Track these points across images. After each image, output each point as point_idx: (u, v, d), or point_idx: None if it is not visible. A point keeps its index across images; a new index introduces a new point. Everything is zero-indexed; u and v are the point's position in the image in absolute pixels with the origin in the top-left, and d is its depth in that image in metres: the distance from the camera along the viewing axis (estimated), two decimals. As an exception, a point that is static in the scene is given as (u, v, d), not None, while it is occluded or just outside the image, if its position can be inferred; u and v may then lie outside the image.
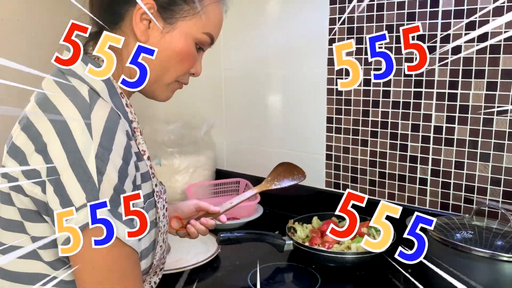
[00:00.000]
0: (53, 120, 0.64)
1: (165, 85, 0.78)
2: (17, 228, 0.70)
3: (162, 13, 0.73)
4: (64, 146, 0.62)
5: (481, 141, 1.16)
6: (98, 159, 0.62)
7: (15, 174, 0.66)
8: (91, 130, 0.63)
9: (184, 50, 0.76)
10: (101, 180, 0.61)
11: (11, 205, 0.69)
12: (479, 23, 1.12)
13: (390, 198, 1.33)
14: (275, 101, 1.56)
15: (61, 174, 0.61)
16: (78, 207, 0.60)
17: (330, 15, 1.36)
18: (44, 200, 0.64)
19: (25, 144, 0.65)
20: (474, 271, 0.96)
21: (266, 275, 1.13)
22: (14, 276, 0.71)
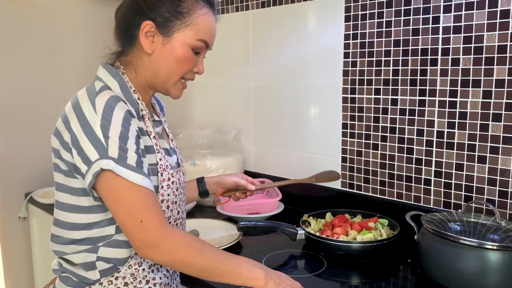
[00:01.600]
0: (73, 106, 0.89)
1: (172, 84, 0.99)
2: (61, 188, 0.94)
3: (160, 30, 0.94)
4: (79, 121, 0.86)
5: (479, 144, 1.26)
6: (102, 127, 0.84)
7: (57, 147, 0.92)
8: (95, 108, 0.86)
9: (182, 55, 0.96)
10: (108, 143, 0.84)
11: (58, 172, 0.94)
12: (475, 38, 1.23)
13: (398, 197, 1.45)
14: (297, 109, 1.71)
15: (79, 140, 0.85)
16: (94, 161, 0.84)
17: (345, 31, 1.51)
18: (72, 163, 0.88)
19: (60, 126, 0.91)
20: (463, 259, 1.06)
21: (280, 260, 1.28)
22: (62, 224, 0.95)
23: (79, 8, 2.11)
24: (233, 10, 1.89)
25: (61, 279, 0.98)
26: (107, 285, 0.93)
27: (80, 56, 2.12)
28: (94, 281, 0.94)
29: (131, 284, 0.95)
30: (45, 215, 1.87)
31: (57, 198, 0.96)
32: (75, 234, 0.94)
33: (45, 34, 2.02)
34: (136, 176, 0.86)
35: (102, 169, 0.84)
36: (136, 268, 0.95)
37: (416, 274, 1.20)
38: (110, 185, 0.85)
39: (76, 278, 0.95)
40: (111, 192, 0.85)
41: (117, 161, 0.84)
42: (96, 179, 0.85)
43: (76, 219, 0.93)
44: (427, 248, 1.15)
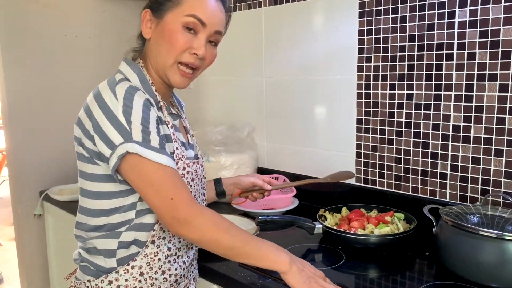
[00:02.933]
0: (95, 96, 0.93)
1: (169, 67, 0.97)
2: (84, 175, 0.97)
3: (155, 14, 0.98)
4: (101, 108, 0.89)
5: (495, 138, 1.27)
6: (125, 113, 0.87)
7: (79, 135, 0.95)
8: (116, 96, 0.89)
9: (171, 32, 0.95)
10: (131, 127, 0.86)
11: (81, 160, 0.97)
12: (491, 32, 1.24)
13: (414, 192, 1.46)
14: (311, 106, 1.73)
15: (102, 126, 0.88)
16: (118, 144, 0.87)
17: (359, 27, 1.53)
18: (94, 150, 0.91)
19: (82, 115, 0.95)
20: (483, 250, 1.07)
21: (298, 254, 1.28)
22: (86, 211, 0.98)
23: (92, 7, 2.12)
24: (246, 7, 1.90)
25: (81, 269, 1.01)
26: (123, 274, 0.96)
27: (93, 54, 2.14)
28: (110, 269, 0.96)
29: (146, 274, 0.97)
30: (60, 212, 1.88)
31: (81, 186, 0.99)
32: (97, 221, 0.96)
33: (59, 33, 2.03)
34: (161, 157, 0.88)
35: (128, 152, 0.86)
36: (152, 258, 0.97)
37: (435, 266, 1.20)
38: (138, 168, 0.87)
39: (93, 267, 0.97)
40: (139, 174, 0.88)
41: (141, 144, 0.87)
42: (120, 161, 0.87)
43: (97, 205, 0.96)
44: (446, 240, 1.15)
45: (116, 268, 0.95)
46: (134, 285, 0.96)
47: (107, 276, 0.96)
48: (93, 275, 0.97)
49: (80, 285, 1.00)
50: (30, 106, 1.98)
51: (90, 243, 0.98)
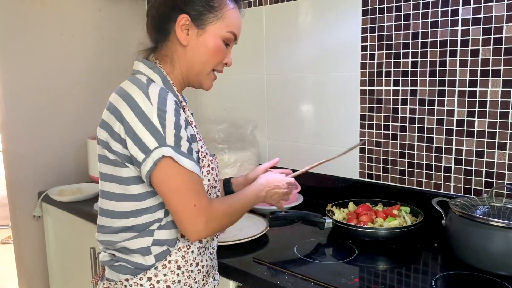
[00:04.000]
0: (124, 97, 0.92)
1: (206, 75, 1.05)
2: (109, 178, 0.97)
3: (195, 23, 1.00)
4: (134, 112, 0.89)
5: (499, 132, 1.32)
6: (159, 117, 0.88)
7: (105, 138, 0.94)
8: (150, 99, 0.90)
9: (215, 46, 1.01)
10: (165, 131, 0.88)
11: (105, 163, 0.96)
12: (494, 29, 1.29)
13: (418, 186, 1.49)
14: (313, 102, 1.75)
15: (135, 130, 0.88)
16: (153, 149, 0.87)
17: (362, 24, 1.55)
18: (123, 153, 0.91)
19: (108, 118, 0.93)
20: (492, 240, 1.11)
21: (311, 249, 1.31)
22: (110, 213, 0.98)
23: (88, 6, 2.11)
24: (246, 5, 1.91)
25: (114, 269, 0.99)
26: (162, 269, 0.97)
27: (89, 53, 2.13)
28: (149, 266, 0.96)
29: (183, 267, 0.99)
30: (60, 213, 1.87)
31: (103, 188, 0.99)
32: (124, 222, 0.96)
33: (55, 32, 2.01)
34: (189, 162, 0.90)
35: (163, 156, 0.87)
36: (186, 251, 0.99)
37: (445, 257, 1.24)
38: (168, 172, 0.88)
39: (132, 266, 0.97)
40: (168, 178, 0.89)
41: (174, 148, 0.88)
42: (155, 166, 0.88)
43: (125, 207, 0.96)
44: (456, 231, 1.19)
45: (155, 264, 0.97)
46: (173, 279, 0.98)
47: (146, 273, 0.97)
48: (131, 273, 0.98)
49: (115, 285, 0.99)
50: (27, 106, 1.95)
51: (121, 245, 0.98)
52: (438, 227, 1.26)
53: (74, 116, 2.10)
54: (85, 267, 1.71)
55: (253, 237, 1.34)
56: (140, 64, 1.01)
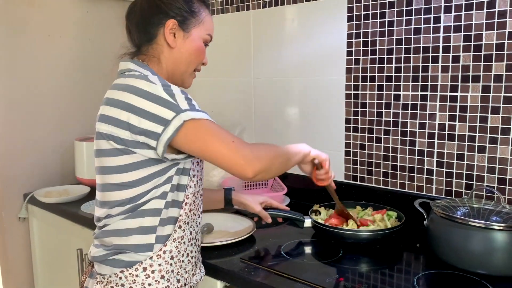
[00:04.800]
0: (126, 89, 0.97)
1: (189, 74, 1.14)
2: (116, 169, 1.00)
3: (182, 27, 1.08)
4: (141, 96, 0.95)
5: (478, 135, 1.36)
6: (166, 90, 0.95)
7: (108, 131, 0.98)
8: (152, 81, 0.97)
9: (199, 48, 1.11)
10: (175, 99, 0.93)
11: (110, 156, 0.99)
12: (474, 36, 1.33)
13: (401, 188, 1.53)
14: (300, 106, 1.78)
15: (147, 109, 0.93)
16: (171, 119, 0.93)
17: (347, 30, 1.59)
18: (132, 139, 0.95)
19: (109, 111, 0.98)
20: (472, 240, 1.14)
21: (296, 249, 1.34)
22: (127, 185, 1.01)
23: (76, 7, 2.11)
24: (233, 10, 1.93)
25: (107, 263, 1.02)
26: (156, 259, 1.01)
27: (76, 55, 2.12)
28: (145, 257, 1.00)
29: (176, 257, 1.04)
30: (47, 214, 1.86)
31: (111, 181, 1.01)
32: (139, 205, 1.01)
33: (42, 33, 2.01)
34: (206, 115, 0.98)
35: (184, 121, 0.92)
36: (179, 242, 1.04)
37: (427, 256, 1.28)
38: (194, 130, 0.94)
39: (128, 258, 1.01)
40: (197, 135, 0.95)
41: (190, 109, 0.95)
42: (176, 133, 0.93)
43: (127, 194, 1.00)
44: (437, 232, 1.23)
45: (150, 255, 1.00)
46: (166, 269, 1.02)
47: (141, 263, 1.00)
48: (126, 265, 1.01)
49: (109, 278, 1.02)
50: (12, 108, 1.94)
51: (122, 240, 1.01)
52: (420, 228, 1.30)
53: (61, 117, 2.09)
54: (72, 268, 1.71)
55: (240, 238, 1.36)
56: (130, 64, 1.06)
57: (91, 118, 2.15)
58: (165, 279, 1.02)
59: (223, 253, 1.30)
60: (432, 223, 1.25)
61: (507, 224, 1.13)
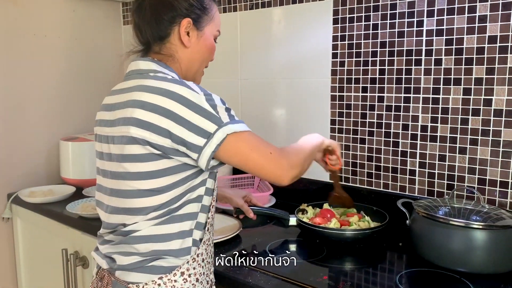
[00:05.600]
0: (167, 95, 0.92)
1: (201, 72, 1.14)
2: (153, 174, 0.96)
3: (196, 25, 1.06)
4: (185, 105, 0.92)
5: (459, 137, 1.39)
6: (208, 101, 0.94)
7: (144, 137, 0.92)
8: (194, 90, 0.94)
9: (212, 45, 1.11)
10: (217, 111, 0.94)
11: (144, 161, 0.94)
12: (456, 40, 1.36)
13: (385, 188, 1.56)
14: (286, 107, 1.80)
15: (191, 121, 0.91)
16: (214, 132, 0.92)
17: (333, 33, 1.61)
18: (172, 147, 0.93)
19: (146, 116, 0.92)
20: (452, 238, 1.17)
21: (281, 249, 1.35)
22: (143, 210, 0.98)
23: (62, 7, 2.10)
24: (220, 11, 1.94)
25: (143, 270, 0.98)
26: (192, 263, 1.00)
27: (62, 54, 2.11)
28: (183, 261, 0.99)
29: (205, 260, 1.05)
30: (31, 214, 1.85)
31: (141, 187, 0.96)
32: (173, 209, 0.98)
33: (28, 32, 1.99)
34: (245, 126, 0.98)
35: (227, 135, 0.92)
36: (208, 244, 1.05)
37: (409, 255, 1.30)
38: (236, 143, 0.94)
39: (167, 264, 0.98)
40: (238, 147, 0.95)
41: (231, 122, 0.94)
42: (219, 147, 0.93)
43: (172, 194, 0.97)
44: (419, 231, 1.25)
45: (187, 259, 0.99)
46: (200, 271, 1.02)
47: (179, 268, 0.98)
48: (165, 271, 0.98)
49: (145, 286, 0.97)
50: (-3, 107, 1.93)
51: (159, 246, 0.98)
52: (402, 227, 1.32)
53: (46, 117, 2.08)
54: (56, 268, 1.70)
55: (226, 237, 1.37)
56: (152, 64, 1.02)
57: (76, 118, 2.16)
58: (199, 281, 1.02)
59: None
60: (414, 223, 1.28)
61: (487, 223, 1.16)
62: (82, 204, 1.73)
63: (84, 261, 1.64)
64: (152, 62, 1.02)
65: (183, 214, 0.99)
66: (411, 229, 1.28)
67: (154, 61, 1.02)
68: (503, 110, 1.31)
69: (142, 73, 1.00)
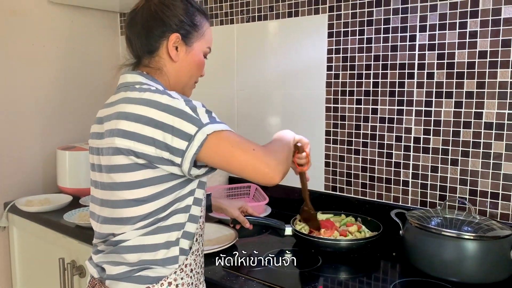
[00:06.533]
0: (148, 104, 0.95)
1: (190, 86, 1.16)
2: (139, 184, 0.98)
3: (184, 41, 1.08)
4: (165, 111, 0.94)
5: (451, 149, 1.43)
6: (187, 104, 0.95)
7: (128, 147, 0.95)
8: (173, 96, 0.96)
9: (201, 61, 1.13)
10: (197, 113, 0.94)
11: (131, 171, 0.96)
12: (447, 55, 1.40)
13: (379, 198, 1.59)
14: (282, 117, 1.83)
15: (173, 125, 0.93)
16: (194, 133, 0.93)
17: (328, 46, 1.65)
18: (156, 155, 0.94)
19: (130, 126, 0.95)
20: (444, 248, 1.20)
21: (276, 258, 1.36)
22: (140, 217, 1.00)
23: (60, 17, 2.12)
24: (218, 23, 1.98)
25: (131, 280, 0.99)
26: (180, 273, 1.02)
27: (60, 64, 2.13)
28: (171, 271, 1.00)
29: (194, 270, 1.06)
30: (27, 223, 1.86)
31: (129, 197, 0.98)
32: (161, 219, 1.00)
33: (26, 42, 2.01)
34: (226, 126, 0.98)
35: (208, 135, 0.93)
36: (197, 254, 1.06)
37: (402, 265, 1.33)
38: (217, 142, 0.94)
39: (155, 274, 1.00)
40: (219, 146, 0.94)
41: (211, 122, 0.95)
42: (201, 148, 0.93)
43: (158, 204, 0.99)
44: (412, 241, 1.28)
45: (175, 269, 1.01)
46: (188, 282, 1.03)
47: (167, 278, 1.00)
48: (152, 281, 0.99)
49: None
50: (-5, 116, 1.94)
51: (147, 255, 1.00)
52: (396, 237, 1.35)
53: (43, 126, 2.10)
54: (53, 277, 1.71)
55: (223, 247, 1.39)
56: (138, 77, 1.05)
57: (73, 127, 2.18)
58: None
59: (206, 261, 1.31)
60: (407, 233, 1.31)
61: (478, 234, 1.19)
62: (79, 213, 1.74)
63: (81, 270, 1.65)
64: (139, 75, 1.05)
65: (171, 225, 1.00)
66: (404, 239, 1.31)
67: (141, 74, 1.05)
68: (493, 123, 1.34)
69: (128, 85, 1.04)
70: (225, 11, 1.95)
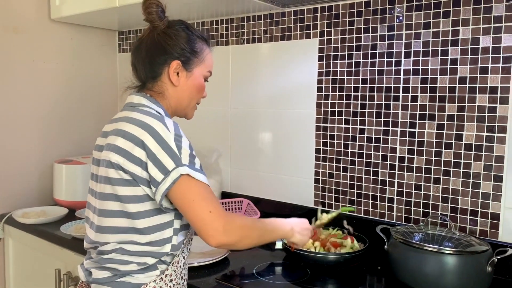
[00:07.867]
0: (144, 128, 1.04)
1: (192, 108, 1.24)
2: (128, 199, 1.06)
3: (185, 67, 1.17)
4: (156, 139, 1.02)
5: (434, 168, 1.51)
6: (176, 140, 1.03)
7: (119, 162, 1.04)
8: (168, 128, 1.04)
9: (201, 85, 1.21)
10: (180, 152, 1.01)
11: (119, 185, 1.05)
12: (430, 79, 1.49)
13: (365, 214, 1.66)
14: (273, 135, 1.90)
15: (156, 154, 1.00)
16: (171, 170, 1.01)
17: (318, 68, 1.73)
18: (141, 175, 1.02)
19: (125, 144, 1.04)
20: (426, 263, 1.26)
21: (267, 271, 1.43)
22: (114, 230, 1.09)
23: (60, 34, 2.19)
24: (214, 44, 2.06)
25: (113, 285, 1.07)
26: (159, 282, 1.09)
27: (60, 80, 2.19)
28: (150, 280, 1.07)
29: (174, 280, 1.12)
30: (24, 235, 1.89)
31: (115, 208, 1.08)
32: (137, 238, 1.07)
33: (27, 58, 2.07)
34: (203, 176, 1.05)
35: (181, 175, 1.00)
36: (177, 266, 1.12)
37: (387, 278, 1.39)
38: (185, 186, 1.01)
39: (134, 281, 1.07)
40: (185, 192, 1.01)
41: (189, 166, 1.02)
42: (173, 185, 1.00)
43: (150, 222, 1.07)
44: (396, 255, 1.35)
45: (155, 278, 1.08)
46: None
47: (146, 285, 1.07)
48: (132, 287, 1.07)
49: None
50: (-6, 129, 1.99)
51: (128, 261, 1.07)
52: (381, 251, 1.41)
53: (40, 139, 2.15)
54: (48, 288, 1.75)
55: (215, 259, 1.44)
56: (143, 99, 1.14)
57: (70, 141, 2.23)
58: None
59: (199, 273, 1.37)
60: (391, 247, 1.37)
61: (457, 249, 1.26)
62: (75, 225, 1.78)
63: (76, 281, 1.68)
64: (144, 97, 1.14)
65: (153, 241, 1.08)
66: (389, 254, 1.38)
67: (146, 97, 1.14)
68: (472, 145, 1.43)
69: (133, 106, 1.13)
70: (220, 33, 2.03)
